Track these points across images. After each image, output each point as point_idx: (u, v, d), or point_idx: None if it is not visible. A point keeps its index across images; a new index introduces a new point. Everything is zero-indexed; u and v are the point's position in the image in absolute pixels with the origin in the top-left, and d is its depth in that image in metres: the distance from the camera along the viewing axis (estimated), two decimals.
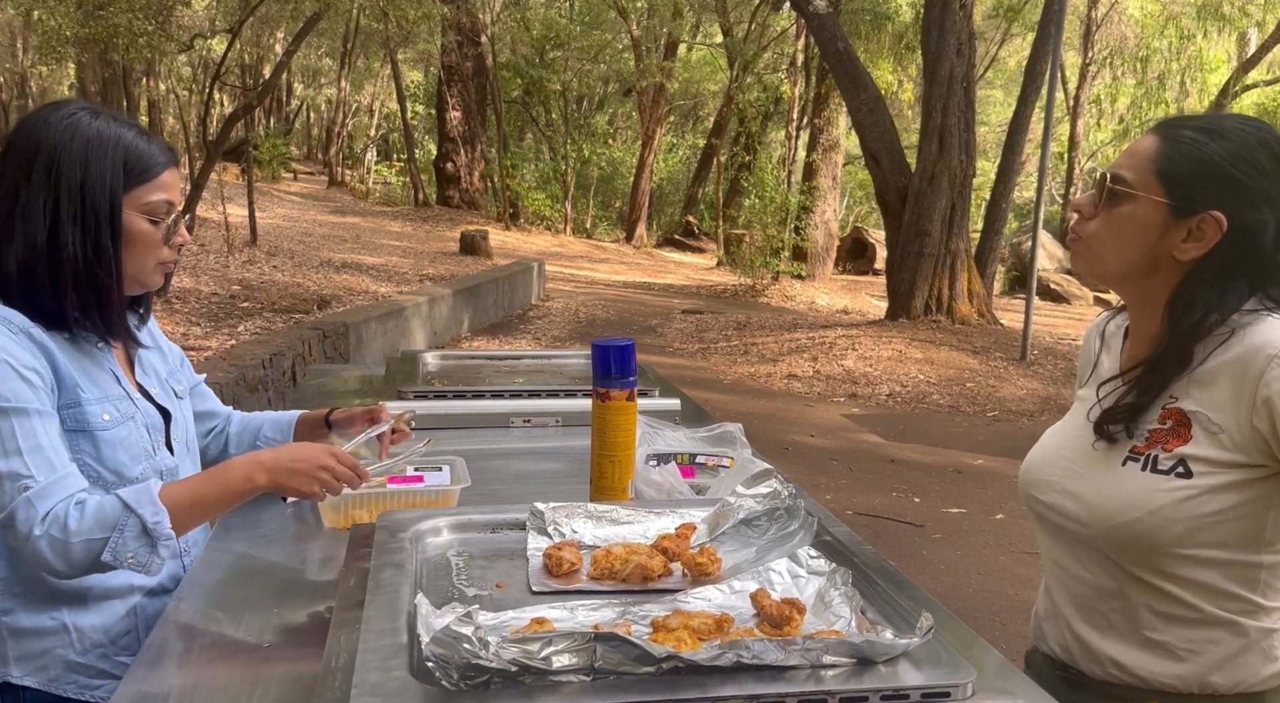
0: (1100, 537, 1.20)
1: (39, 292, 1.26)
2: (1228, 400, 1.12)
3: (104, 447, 1.29)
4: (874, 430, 6.09)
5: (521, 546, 1.33)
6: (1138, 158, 1.17)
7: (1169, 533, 1.14)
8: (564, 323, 9.91)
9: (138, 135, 1.31)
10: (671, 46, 21.04)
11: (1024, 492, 1.35)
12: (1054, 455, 1.30)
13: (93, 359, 1.33)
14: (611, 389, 1.54)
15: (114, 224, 1.27)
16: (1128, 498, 1.17)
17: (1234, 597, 1.16)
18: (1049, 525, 1.31)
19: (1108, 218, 1.19)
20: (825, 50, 9.72)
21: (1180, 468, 1.14)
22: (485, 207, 20.73)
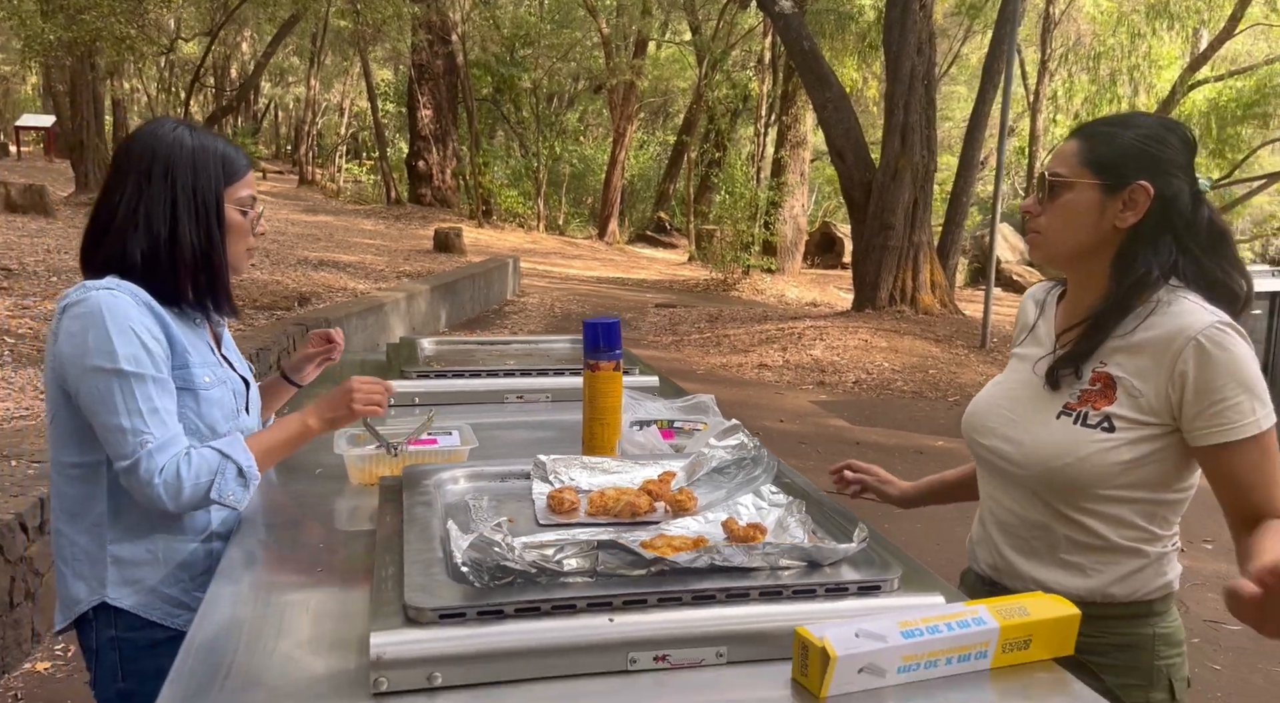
0: (1033, 477, 1.44)
1: (159, 275, 1.51)
2: (1149, 370, 1.35)
3: (204, 404, 1.53)
4: (841, 416, 6.36)
5: (527, 491, 1.56)
6: (1065, 156, 1.42)
7: (1092, 476, 1.37)
8: (539, 318, 10.11)
9: (226, 144, 1.59)
10: (641, 44, 21.25)
11: (967, 435, 1.59)
12: (994, 406, 1.54)
13: (195, 331, 1.58)
14: (600, 361, 1.77)
15: (219, 216, 1.55)
16: (1059, 446, 1.39)
17: (1138, 528, 1.41)
18: (987, 465, 1.55)
19: (1054, 210, 1.42)
20: (791, 49, 9.99)
21: (1105, 423, 1.37)
22: (458, 204, 20.84)
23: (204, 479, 1.44)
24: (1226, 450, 1.32)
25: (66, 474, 1.54)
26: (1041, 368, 1.47)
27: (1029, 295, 1.63)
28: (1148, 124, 1.42)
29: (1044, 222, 1.43)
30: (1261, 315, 5.45)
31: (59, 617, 1.57)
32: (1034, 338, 1.54)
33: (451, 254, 14.02)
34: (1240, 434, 1.30)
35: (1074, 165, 1.40)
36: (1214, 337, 1.31)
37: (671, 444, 1.88)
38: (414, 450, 1.74)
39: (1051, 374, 1.45)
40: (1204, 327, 1.32)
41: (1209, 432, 1.32)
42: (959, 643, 1.06)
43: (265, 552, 1.45)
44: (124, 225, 1.51)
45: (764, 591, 1.16)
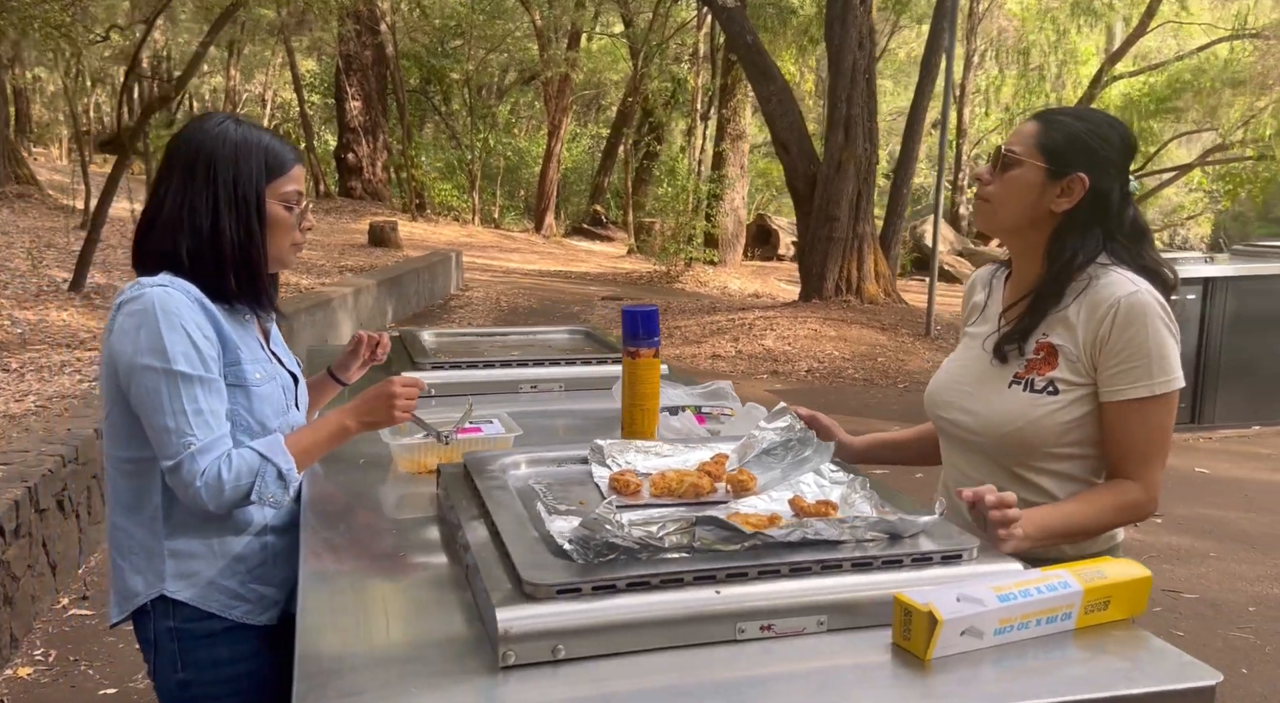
0: (991, 443, 1.58)
1: (205, 271, 1.50)
2: (1081, 337, 1.51)
3: (255, 401, 1.52)
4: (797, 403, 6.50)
5: (586, 475, 1.60)
6: (1023, 136, 1.55)
7: (1041, 436, 1.52)
8: (487, 312, 10.06)
9: (272, 138, 1.57)
10: (575, 36, 21.16)
11: (929, 410, 1.72)
12: (952, 381, 1.68)
13: (244, 328, 1.56)
14: (640, 348, 1.81)
15: (260, 212, 1.53)
16: (1012, 412, 1.54)
17: (1084, 483, 1.55)
18: (949, 436, 1.69)
19: (1003, 181, 1.55)
20: (734, 42, 10.10)
21: (1050, 388, 1.52)
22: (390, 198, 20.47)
23: (245, 482, 1.44)
24: (1122, 407, 1.47)
25: (122, 469, 1.53)
26: (990, 345, 1.61)
27: (975, 277, 1.77)
28: (1098, 121, 1.55)
29: (993, 190, 1.56)
30: (1195, 300, 5.74)
31: (115, 610, 1.56)
32: (984, 317, 1.68)
33: (387, 248, 13.78)
34: (1135, 394, 1.46)
35: (1029, 146, 1.53)
36: (1132, 303, 1.46)
37: (708, 429, 1.94)
38: (463, 439, 1.76)
39: (998, 350, 1.59)
40: (1126, 294, 1.47)
41: (1111, 390, 1.48)
42: (1048, 605, 1.14)
43: (341, 540, 1.46)
44: (171, 221, 1.51)
45: (855, 562, 1.22)
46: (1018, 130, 1.57)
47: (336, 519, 1.55)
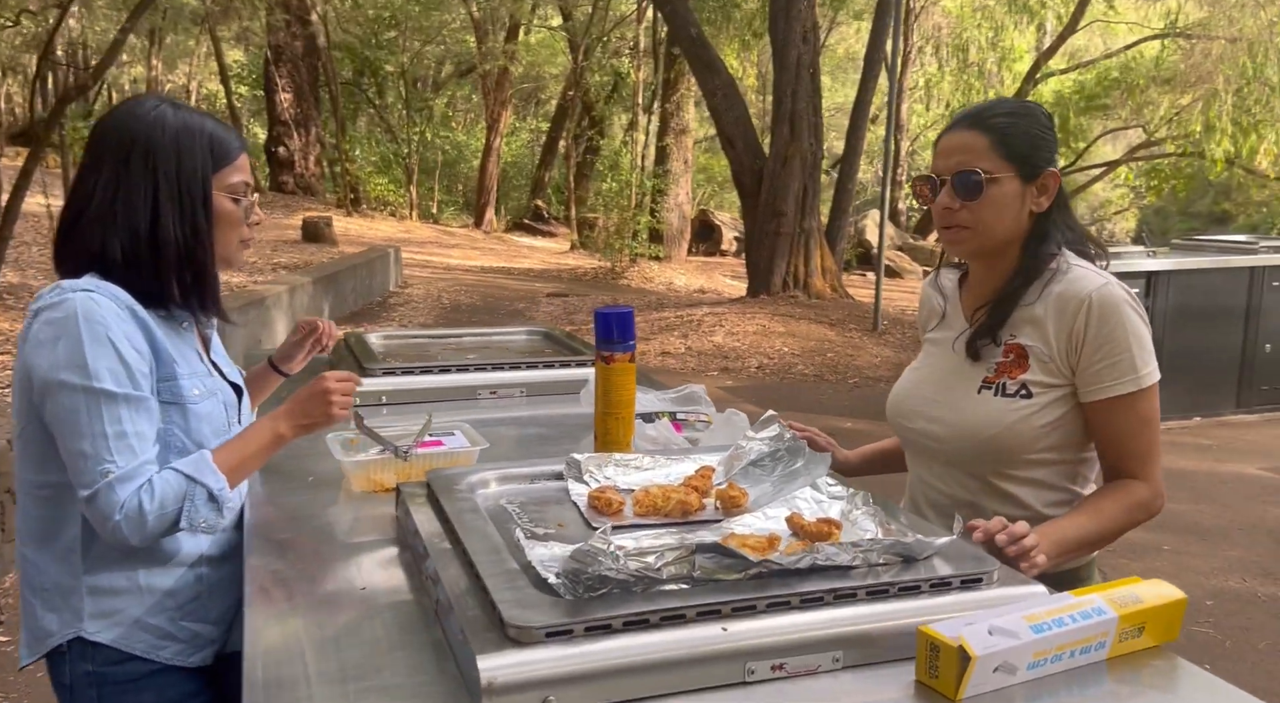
0: (963, 452, 1.49)
1: (141, 273, 1.33)
2: (1052, 336, 1.44)
3: (193, 420, 1.35)
4: (749, 401, 6.43)
5: (563, 493, 1.46)
6: (976, 150, 1.44)
7: (1017, 442, 1.44)
8: (428, 309, 9.81)
9: (216, 123, 1.41)
10: (513, 29, 20.87)
11: (893, 421, 1.63)
12: (916, 390, 1.59)
13: (181, 337, 1.40)
14: (614, 352, 1.68)
15: (206, 206, 1.37)
16: (985, 418, 1.46)
17: (1061, 489, 1.48)
18: (915, 447, 1.60)
19: (982, 205, 1.44)
20: (678, 36, 10.00)
21: (1023, 391, 1.45)
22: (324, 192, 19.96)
23: (171, 509, 1.27)
24: (1110, 405, 1.40)
25: (34, 495, 1.35)
26: (961, 345, 1.52)
27: (929, 284, 1.68)
28: (1032, 112, 1.50)
29: (968, 216, 1.45)
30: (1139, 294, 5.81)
31: (25, 651, 1.38)
32: (946, 323, 1.60)
33: (322, 244, 13.41)
34: (1122, 389, 1.39)
35: (994, 159, 1.44)
36: (1105, 296, 1.40)
37: (685, 437, 1.82)
38: (423, 454, 1.61)
39: (971, 346, 1.51)
40: (1096, 288, 1.41)
41: (1096, 388, 1.41)
42: (1083, 635, 1.05)
43: (289, 571, 1.30)
44: (100, 218, 1.34)
45: (870, 590, 1.11)
46: (961, 147, 1.45)
47: (283, 547, 1.39)
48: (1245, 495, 4.89)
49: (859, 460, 1.75)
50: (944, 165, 1.47)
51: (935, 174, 1.48)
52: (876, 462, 1.76)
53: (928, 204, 1.51)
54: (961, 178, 1.44)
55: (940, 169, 1.47)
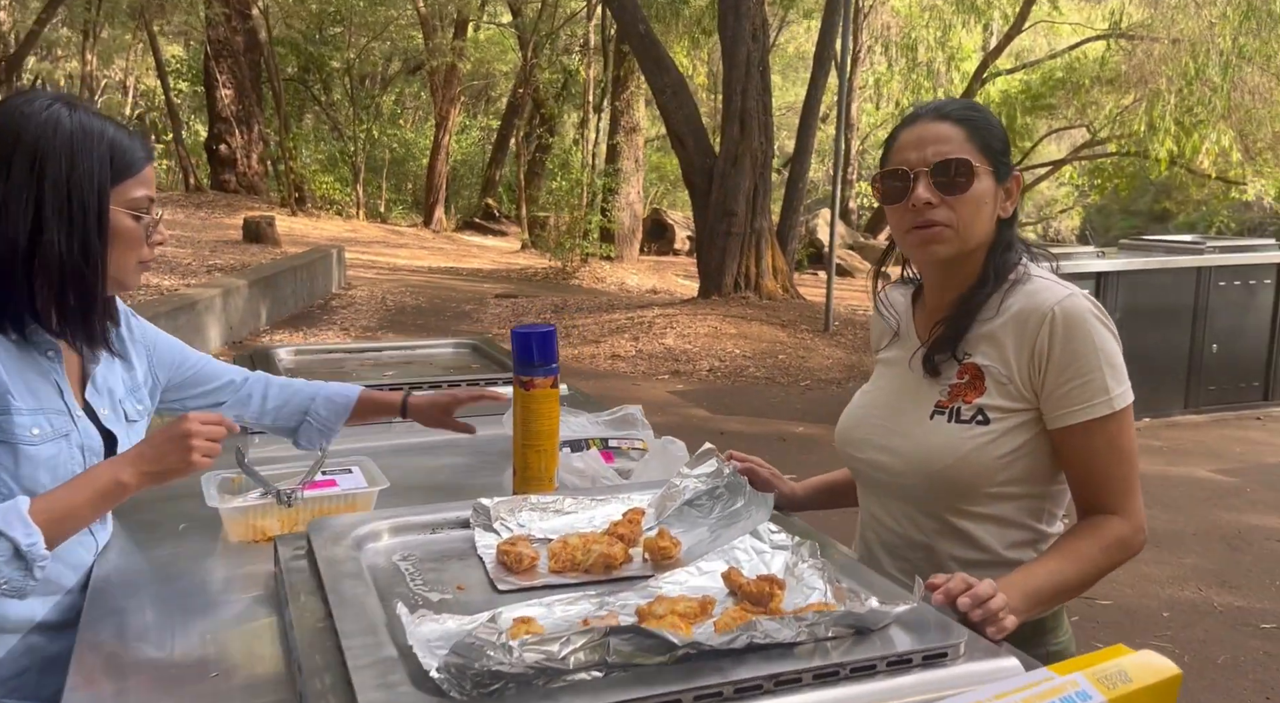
0: (916, 485, 1.33)
1: (10, 292, 1.17)
2: (1011, 354, 1.28)
3: (25, 463, 1.15)
4: (700, 405, 6.28)
5: (468, 545, 1.27)
6: (955, 142, 1.28)
7: (974, 474, 1.28)
8: (371, 312, 9.51)
9: (118, 129, 1.24)
10: (461, 25, 20.51)
11: (842, 451, 1.46)
12: (866, 415, 1.42)
13: (37, 368, 1.21)
14: (535, 377, 1.50)
15: (101, 222, 1.20)
16: (939, 447, 1.30)
17: (1025, 528, 1.32)
18: (866, 480, 1.44)
19: (966, 200, 1.28)
20: (627, 32, 9.82)
21: (979, 416, 1.29)
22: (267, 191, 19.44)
23: None
24: (1081, 431, 1.25)
25: None
26: (917, 362, 1.36)
27: (882, 300, 1.51)
28: (985, 110, 1.36)
29: (951, 214, 1.28)
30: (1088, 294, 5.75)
31: None
32: (899, 341, 1.44)
33: (264, 245, 13.01)
34: (1094, 413, 1.24)
35: (973, 152, 1.28)
36: (1069, 309, 1.25)
37: (615, 468, 1.64)
38: (311, 497, 1.41)
39: (929, 361, 1.35)
40: (1058, 300, 1.25)
41: (1065, 413, 1.25)
42: None
43: (129, 646, 1.10)
44: None
45: (818, 673, 0.94)
46: (935, 137, 1.29)
47: (133, 612, 1.18)
48: (1197, 499, 4.85)
49: (806, 494, 1.58)
50: (917, 157, 1.29)
51: (906, 167, 1.30)
52: (825, 495, 1.59)
53: (892, 202, 1.32)
54: (944, 167, 1.28)
55: (914, 161, 1.30)
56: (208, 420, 1.25)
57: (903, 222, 1.32)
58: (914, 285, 1.46)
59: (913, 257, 1.38)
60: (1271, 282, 6.34)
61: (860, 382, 1.53)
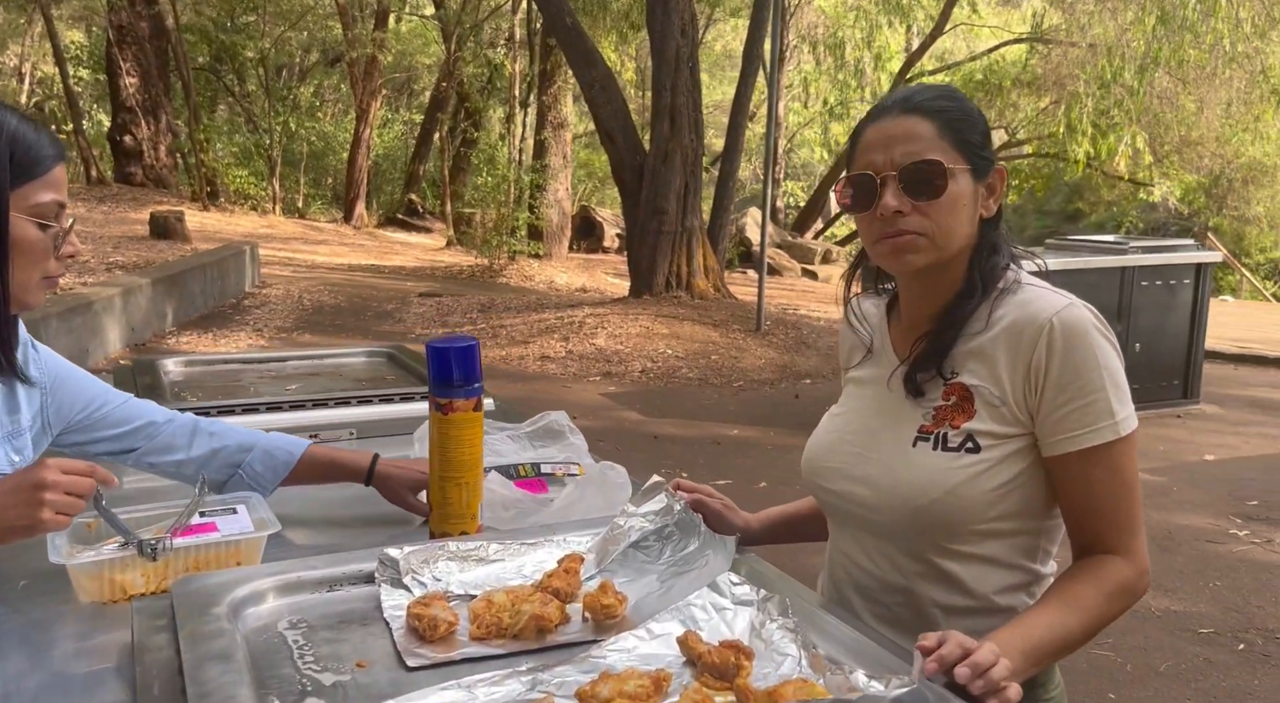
0: (896, 521, 1.17)
1: None
2: (1004, 372, 1.13)
3: None
4: (633, 408, 6.11)
5: (373, 605, 1.07)
6: (925, 140, 1.13)
7: (964, 510, 1.13)
8: (287, 312, 9.09)
9: (21, 121, 1.07)
10: (382, 16, 19.96)
11: (809, 481, 1.29)
12: (838, 442, 1.26)
13: None
14: (454, 398, 1.29)
15: (1, 231, 1.04)
16: (923, 479, 1.14)
17: (1018, 570, 1.17)
18: (837, 514, 1.27)
19: (942, 205, 1.13)
20: (554, 25, 9.59)
21: (969, 443, 1.13)
22: (177, 184, 18.63)
23: None
24: (1081, 459, 1.10)
25: None
26: (897, 381, 1.20)
27: (849, 312, 1.36)
28: (960, 95, 1.19)
29: (924, 222, 1.13)
30: None
31: None
32: (873, 358, 1.28)
33: (173, 241, 12.43)
34: (1097, 439, 1.09)
35: (945, 149, 1.13)
36: (1069, 320, 1.10)
37: (550, 498, 1.44)
38: (183, 546, 1.18)
39: (911, 380, 1.19)
40: (1056, 311, 1.11)
41: (1064, 438, 1.10)
42: None
43: None
44: None
45: None
46: (906, 134, 1.14)
47: None
48: None
49: (761, 528, 1.40)
50: (884, 159, 1.14)
51: (872, 171, 1.14)
52: (783, 529, 1.42)
53: (859, 210, 1.17)
54: (913, 171, 1.12)
55: (879, 164, 1.14)
56: (71, 470, 1.02)
57: (871, 231, 1.16)
58: (887, 296, 1.30)
59: (885, 267, 1.22)
60: (1190, 281, 6.45)
61: (793, 383, 1.36)
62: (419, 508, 1.45)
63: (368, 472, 1.45)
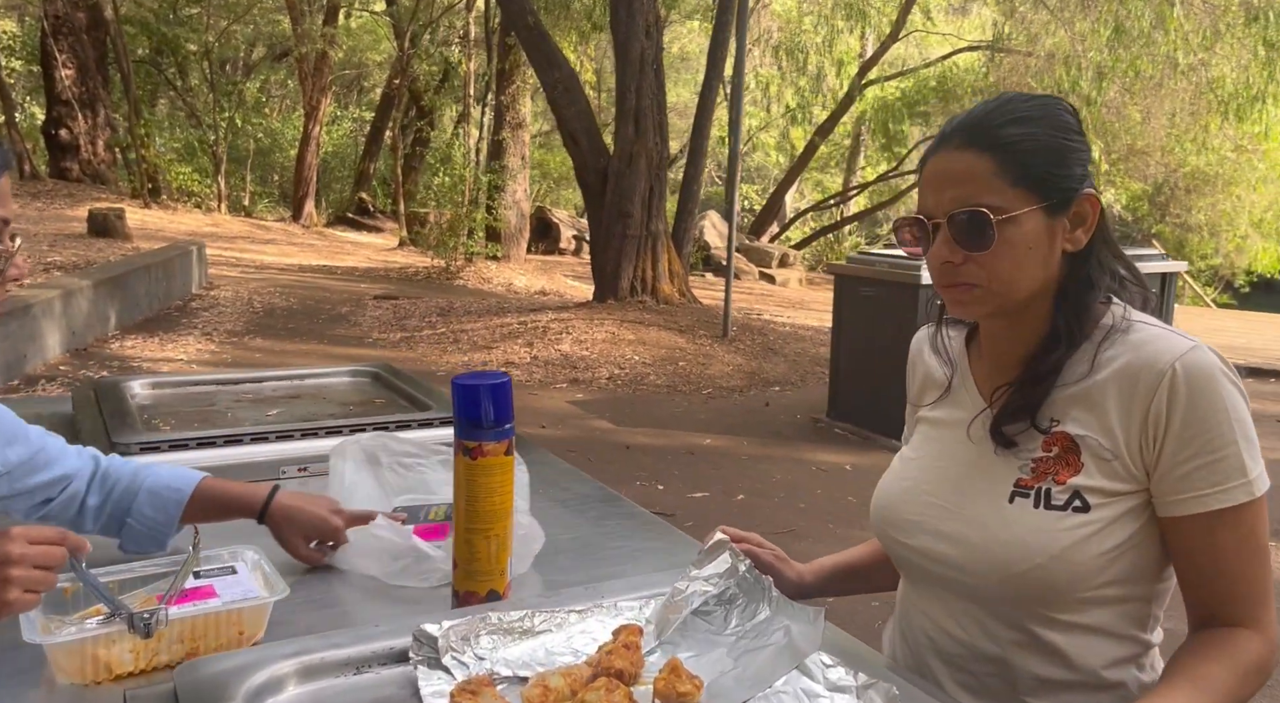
0: (990, 586, 1.05)
1: None
2: (1116, 422, 1.01)
3: None
4: (603, 416, 5.98)
5: (409, 691, 0.93)
6: (979, 181, 1.01)
7: (1071, 575, 1.01)
8: (237, 314, 8.78)
9: None
10: (332, 11, 19.53)
11: (882, 532, 1.17)
12: (917, 490, 1.14)
13: None
14: (484, 442, 1.15)
15: None
16: (1025, 542, 1.02)
17: (1129, 640, 1.06)
18: (916, 573, 1.15)
19: (998, 253, 1.01)
20: (515, 24, 9.40)
21: (1077, 502, 1.02)
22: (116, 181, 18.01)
23: None
24: (1207, 522, 0.98)
25: None
26: (981, 429, 1.08)
27: (923, 341, 1.24)
28: (1051, 111, 1.05)
29: (979, 271, 1.03)
30: None
31: None
32: (952, 398, 1.16)
33: (113, 239, 11.98)
34: (1227, 501, 0.98)
35: (1004, 190, 1.01)
36: (1194, 365, 0.98)
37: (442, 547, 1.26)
38: (179, 616, 1.02)
39: (998, 431, 1.07)
40: (1179, 354, 0.99)
41: (1187, 498, 0.99)
42: None
43: None
44: None
45: None
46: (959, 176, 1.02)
47: None
48: None
49: (816, 580, 1.27)
50: (934, 203, 1.03)
51: (924, 215, 1.04)
52: (841, 580, 1.29)
53: (917, 256, 1.07)
54: (961, 221, 1.00)
55: (930, 208, 1.03)
56: (38, 539, 0.87)
57: (932, 275, 1.06)
58: (968, 326, 1.19)
59: (949, 311, 1.12)
60: (1157, 291, 6.52)
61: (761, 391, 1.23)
62: (312, 558, 1.27)
63: (262, 507, 1.25)
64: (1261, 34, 10.10)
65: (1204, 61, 12.36)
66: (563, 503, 1.56)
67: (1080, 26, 11.54)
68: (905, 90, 18.46)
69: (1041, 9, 12.83)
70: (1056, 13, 12.28)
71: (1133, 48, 10.81)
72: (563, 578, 1.27)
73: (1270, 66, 10.24)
